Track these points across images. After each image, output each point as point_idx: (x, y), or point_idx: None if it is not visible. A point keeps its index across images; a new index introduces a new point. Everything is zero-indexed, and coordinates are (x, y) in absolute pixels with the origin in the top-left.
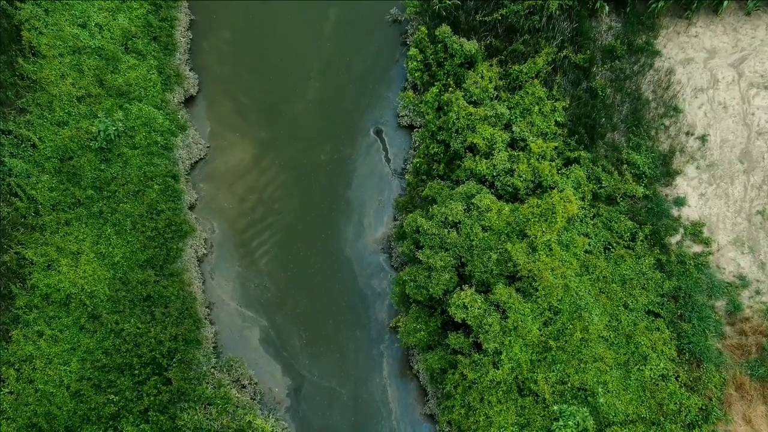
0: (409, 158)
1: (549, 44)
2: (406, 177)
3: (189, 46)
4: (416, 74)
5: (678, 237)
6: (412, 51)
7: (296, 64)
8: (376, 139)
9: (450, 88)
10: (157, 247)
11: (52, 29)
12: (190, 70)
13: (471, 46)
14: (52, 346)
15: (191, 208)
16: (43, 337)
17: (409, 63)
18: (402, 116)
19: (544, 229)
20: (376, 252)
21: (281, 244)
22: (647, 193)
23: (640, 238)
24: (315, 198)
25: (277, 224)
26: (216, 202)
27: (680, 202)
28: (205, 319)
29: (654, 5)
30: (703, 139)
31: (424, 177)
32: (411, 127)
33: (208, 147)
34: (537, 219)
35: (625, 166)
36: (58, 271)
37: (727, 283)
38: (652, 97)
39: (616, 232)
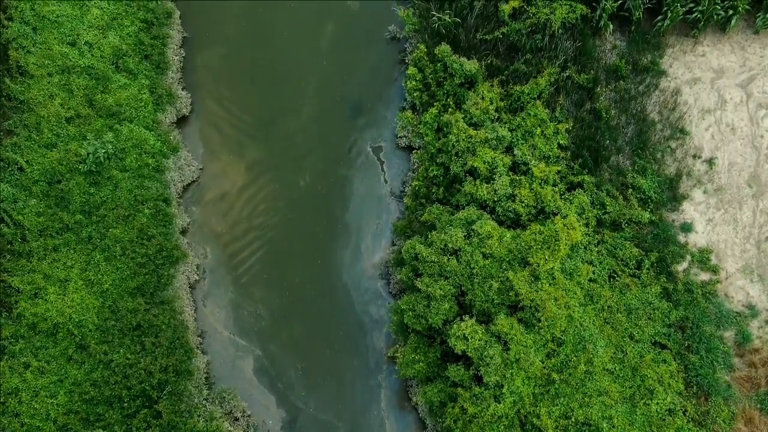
0: (407, 180)
1: (551, 64)
2: (405, 200)
3: (182, 64)
4: (415, 94)
5: (685, 264)
6: (411, 70)
7: (292, 82)
8: (373, 160)
9: (450, 109)
10: (148, 273)
11: (40, 48)
12: (182, 89)
13: (471, 66)
14: (39, 378)
15: (183, 232)
16: (30, 368)
17: (408, 82)
18: (400, 137)
19: (546, 257)
20: (373, 278)
21: (276, 270)
22: (653, 218)
23: (646, 265)
24: (311, 221)
25: (272, 249)
26: (209, 226)
27: (687, 227)
28: (197, 348)
29: (659, 24)
30: (710, 162)
31: (423, 200)
32: (410, 148)
33: (201, 169)
34: (539, 246)
35: (630, 190)
36: (46, 300)
37: (736, 312)
38: (657, 118)
39: (622, 260)
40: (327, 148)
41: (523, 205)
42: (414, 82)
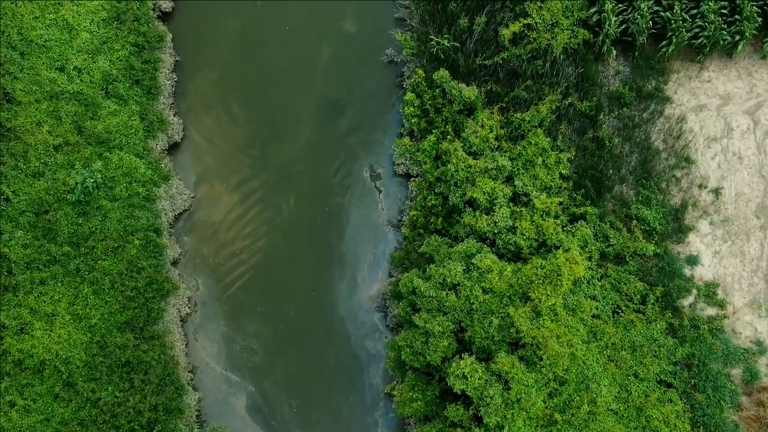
0: (405, 209)
1: (553, 90)
2: (402, 230)
3: (173, 89)
4: (413, 120)
5: (691, 299)
6: (409, 96)
7: (287, 106)
8: (370, 188)
9: (448, 137)
10: (137, 307)
11: (27, 74)
12: (174, 115)
13: (470, 92)
14: (25, 418)
15: (174, 263)
16: (15, 407)
17: (406, 108)
18: (398, 164)
19: (548, 293)
20: (370, 310)
21: (270, 302)
22: (658, 251)
23: (651, 300)
24: (306, 251)
25: (266, 280)
26: (201, 257)
27: (693, 260)
28: (188, 384)
29: (664, 49)
30: (716, 192)
31: (421, 231)
32: (407, 176)
33: (193, 197)
34: (541, 281)
35: (634, 222)
36: (32, 336)
37: (744, 349)
38: (662, 146)
39: (626, 295)
40: (322, 175)
41: (524, 237)
42: (412, 108)
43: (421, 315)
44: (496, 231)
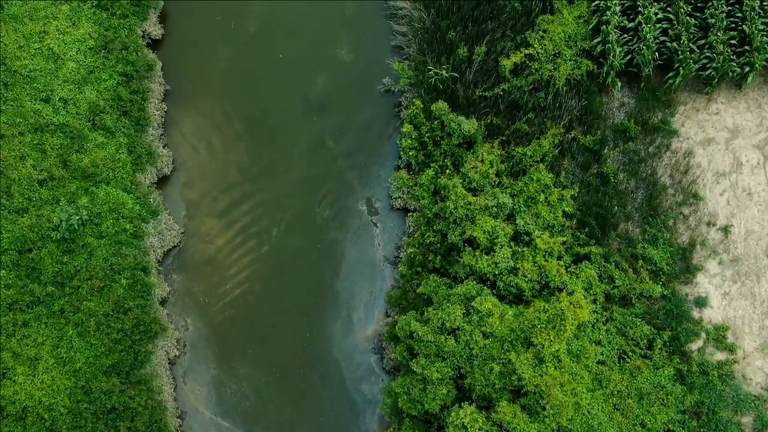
0: (402, 245)
1: (555, 124)
2: (400, 268)
3: (163, 120)
4: (410, 153)
5: (700, 343)
6: (406, 127)
7: (280, 137)
8: (367, 222)
9: (447, 171)
10: (124, 350)
11: (11, 105)
12: (164, 147)
13: (470, 126)
14: None
15: (163, 302)
16: None
17: (403, 140)
18: (395, 198)
19: (551, 338)
20: (366, 352)
21: (262, 344)
22: (665, 292)
23: (659, 345)
24: (300, 290)
25: (258, 320)
26: (190, 296)
27: (701, 302)
28: (177, 431)
29: (671, 81)
30: (725, 230)
31: (419, 269)
32: (405, 210)
33: (182, 233)
34: (544, 326)
35: (640, 262)
36: (14, 381)
37: (754, 396)
38: (669, 182)
39: (632, 339)
40: (317, 209)
41: (526, 279)
42: (409, 141)
43: (419, 361)
44: (496, 272)
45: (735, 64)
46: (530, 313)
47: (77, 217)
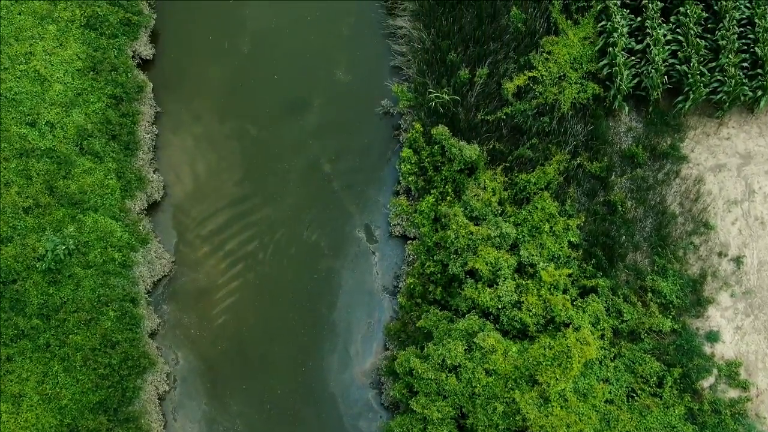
0: (401, 274)
1: (560, 150)
2: (399, 299)
3: (154, 143)
4: (410, 178)
5: (711, 380)
6: (405, 152)
7: (275, 162)
8: (365, 250)
9: (448, 197)
10: (112, 386)
11: None
12: (154, 172)
13: (471, 152)
14: None
15: (152, 335)
16: None
17: (402, 165)
18: (394, 225)
19: (557, 376)
20: (364, 387)
21: (255, 378)
22: (675, 327)
23: (669, 382)
24: (295, 321)
25: (251, 354)
26: (181, 328)
27: (713, 337)
28: None
29: (681, 105)
30: (737, 261)
31: (418, 300)
32: (404, 238)
33: (173, 262)
34: (549, 363)
35: (649, 294)
36: None
37: None
38: (678, 210)
39: (641, 377)
40: (312, 237)
41: (531, 314)
42: (409, 166)
43: (419, 399)
44: (499, 306)
45: (747, 88)
46: (535, 349)
47: (63, 247)
